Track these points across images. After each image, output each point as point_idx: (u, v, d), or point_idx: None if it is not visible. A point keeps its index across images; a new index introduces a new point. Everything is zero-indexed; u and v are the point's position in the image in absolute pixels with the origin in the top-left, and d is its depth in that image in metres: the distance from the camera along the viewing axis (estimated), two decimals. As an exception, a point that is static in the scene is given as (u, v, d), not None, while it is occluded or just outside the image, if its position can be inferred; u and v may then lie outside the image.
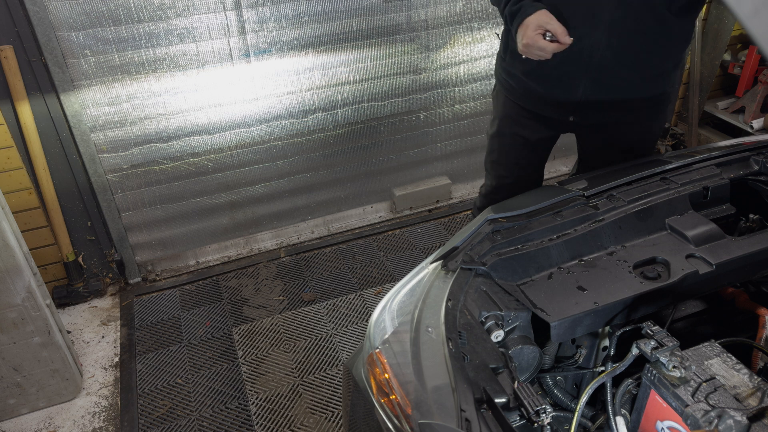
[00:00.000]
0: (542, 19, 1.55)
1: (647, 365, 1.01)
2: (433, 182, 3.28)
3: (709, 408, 0.93)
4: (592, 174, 1.62)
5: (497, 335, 1.14)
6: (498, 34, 1.87)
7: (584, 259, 1.32)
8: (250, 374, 2.35)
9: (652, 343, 1.02)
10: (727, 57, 3.57)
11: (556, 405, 1.25)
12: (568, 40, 1.54)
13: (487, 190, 2.17)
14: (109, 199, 2.62)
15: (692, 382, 0.97)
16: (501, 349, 1.12)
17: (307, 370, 2.35)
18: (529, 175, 2.06)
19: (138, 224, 2.77)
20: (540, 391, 1.26)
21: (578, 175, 1.65)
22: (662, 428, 1.00)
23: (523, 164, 2.01)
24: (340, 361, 2.38)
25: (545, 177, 2.21)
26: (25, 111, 2.30)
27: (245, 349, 2.46)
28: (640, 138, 1.87)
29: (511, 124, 1.93)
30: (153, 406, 2.25)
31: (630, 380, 1.11)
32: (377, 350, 1.16)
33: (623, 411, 1.11)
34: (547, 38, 1.55)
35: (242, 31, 2.51)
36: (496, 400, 0.97)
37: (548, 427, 0.97)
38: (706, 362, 1.01)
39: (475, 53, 3.00)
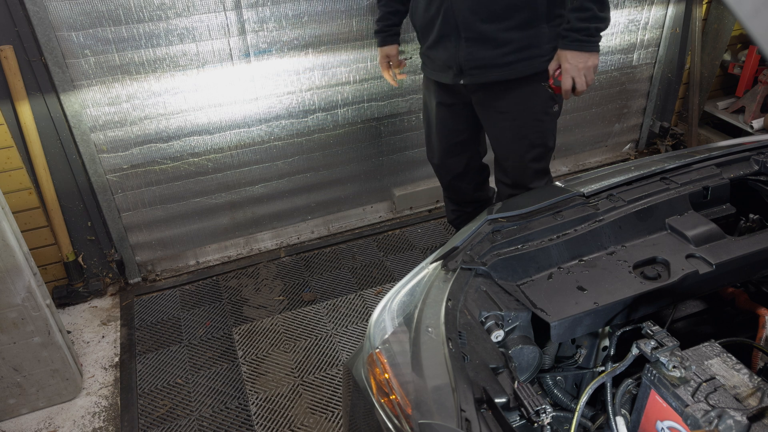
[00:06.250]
0: (389, 52, 2.34)
1: (647, 365, 1.01)
2: (433, 182, 3.27)
3: (709, 408, 0.93)
4: (592, 174, 1.62)
5: (497, 335, 1.14)
6: (413, 29, 2.24)
7: (584, 259, 1.32)
8: (250, 374, 2.35)
9: (652, 343, 1.02)
10: (727, 57, 3.57)
11: (556, 405, 1.25)
12: (393, 83, 2.43)
13: (434, 167, 2.49)
14: (109, 199, 2.62)
15: (692, 382, 0.97)
16: (501, 349, 1.12)
17: (307, 370, 2.35)
18: (453, 140, 2.30)
19: (138, 224, 2.77)
20: (540, 391, 1.26)
21: (578, 175, 1.65)
22: (662, 428, 1.00)
23: (446, 130, 2.28)
24: (340, 361, 2.38)
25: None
26: (25, 111, 2.30)
27: (245, 349, 2.46)
28: (522, 104, 2.03)
29: (427, 95, 2.30)
30: (153, 406, 2.25)
31: (630, 380, 1.11)
32: (377, 350, 1.16)
33: (623, 411, 1.11)
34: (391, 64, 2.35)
35: (242, 31, 2.51)
36: (496, 400, 0.97)
37: (548, 427, 0.97)
38: (706, 362, 1.01)
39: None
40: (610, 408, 1.09)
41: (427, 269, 1.32)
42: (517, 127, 2.07)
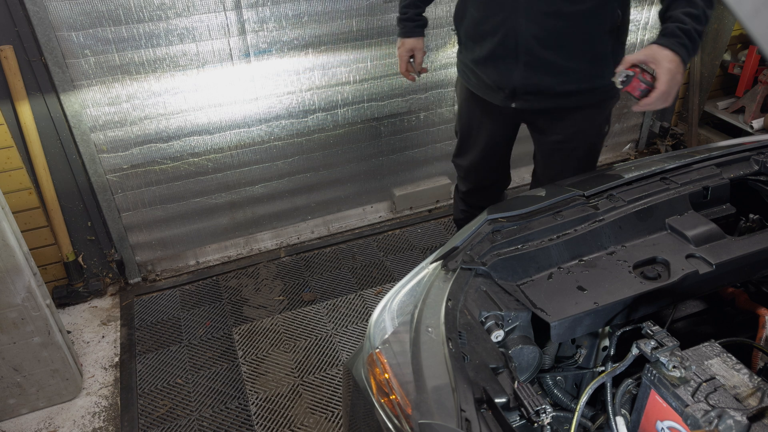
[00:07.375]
0: (416, 46, 2.04)
1: (647, 365, 1.01)
2: (433, 182, 3.27)
3: (709, 408, 0.93)
4: (592, 174, 1.62)
5: (497, 335, 1.14)
6: (453, 29, 2.05)
7: (584, 259, 1.32)
8: (250, 374, 2.35)
9: (652, 343, 1.02)
10: (727, 57, 3.57)
11: (556, 405, 1.25)
12: (411, 78, 2.10)
13: (458, 171, 2.34)
14: (109, 199, 2.62)
15: (692, 382, 0.97)
16: (501, 349, 1.12)
17: (307, 370, 2.35)
18: (492, 158, 2.17)
19: (138, 224, 2.77)
20: (540, 391, 1.26)
21: (578, 175, 1.65)
22: (662, 428, 1.00)
23: (482, 145, 2.14)
24: (340, 361, 2.38)
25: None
26: (25, 111, 2.30)
27: (245, 349, 2.46)
28: (577, 129, 1.92)
29: (469, 107, 2.09)
30: (153, 406, 2.25)
31: (630, 380, 1.11)
32: (377, 350, 1.16)
33: (623, 411, 1.11)
34: (411, 61, 2.06)
35: (242, 31, 2.51)
36: (496, 400, 0.97)
37: (548, 427, 0.97)
38: (706, 362, 1.01)
39: (475, 53, 3.00)
40: (610, 408, 1.09)
41: (427, 269, 1.32)
42: (570, 151, 1.96)
